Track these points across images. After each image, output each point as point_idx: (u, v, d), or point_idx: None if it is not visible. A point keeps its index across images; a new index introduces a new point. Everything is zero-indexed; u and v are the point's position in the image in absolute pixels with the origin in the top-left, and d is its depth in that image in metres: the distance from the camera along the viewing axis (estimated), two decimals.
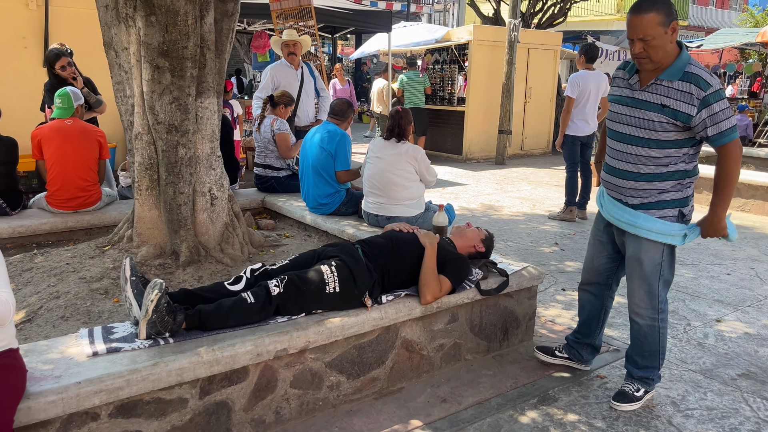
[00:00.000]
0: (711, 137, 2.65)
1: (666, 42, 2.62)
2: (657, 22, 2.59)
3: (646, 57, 2.66)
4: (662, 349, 3.03)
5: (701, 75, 2.62)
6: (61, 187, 4.58)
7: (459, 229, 3.55)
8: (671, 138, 2.71)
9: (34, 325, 3.08)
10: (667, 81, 2.67)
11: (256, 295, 2.73)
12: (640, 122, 2.76)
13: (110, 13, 3.61)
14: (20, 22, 6.86)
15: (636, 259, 2.91)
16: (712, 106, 2.60)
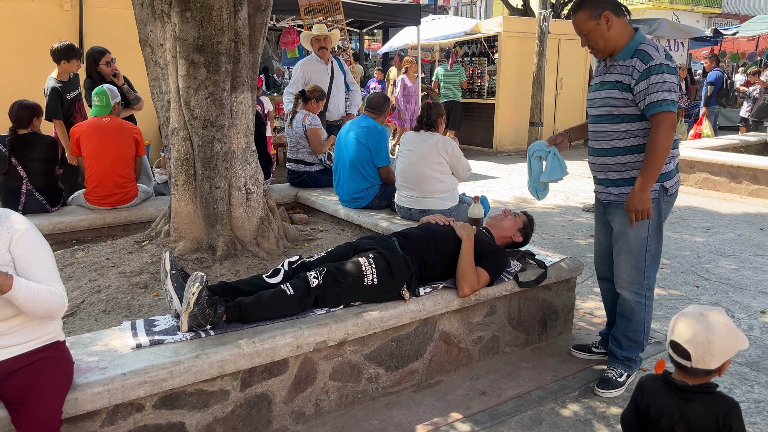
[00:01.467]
0: (645, 107, 2.79)
1: (602, 31, 2.86)
2: (585, 18, 2.87)
3: (591, 47, 2.95)
4: (647, 329, 3.10)
5: (647, 51, 2.79)
6: (99, 184, 4.65)
7: (495, 219, 3.50)
8: (630, 113, 2.86)
9: (77, 318, 3.14)
10: (621, 60, 2.87)
11: (295, 286, 2.73)
12: (604, 101, 2.94)
13: (146, 10, 3.64)
14: (55, 23, 6.99)
15: (622, 234, 3.00)
16: (650, 77, 2.74)
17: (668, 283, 4.60)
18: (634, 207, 2.86)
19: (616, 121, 2.91)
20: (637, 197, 2.84)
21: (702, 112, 11.02)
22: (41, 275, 2.01)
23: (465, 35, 11.57)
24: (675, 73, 2.81)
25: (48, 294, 1.98)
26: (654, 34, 13.99)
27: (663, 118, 2.76)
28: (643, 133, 2.88)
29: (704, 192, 7.91)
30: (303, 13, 7.52)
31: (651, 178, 2.82)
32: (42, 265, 2.03)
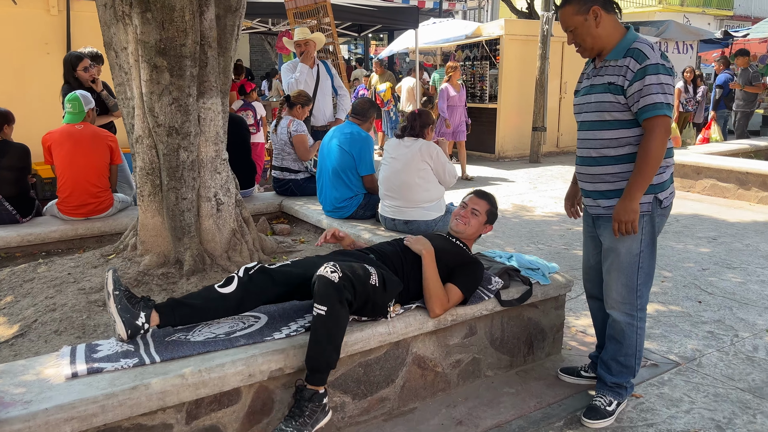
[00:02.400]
0: (638, 110, 2.57)
1: (590, 28, 2.64)
2: (572, 12, 2.65)
3: (578, 45, 2.73)
4: (639, 353, 2.85)
5: (642, 49, 2.57)
6: (72, 194, 4.47)
7: (457, 227, 3.15)
8: (622, 118, 2.64)
9: (27, 340, 2.94)
10: (612, 61, 2.65)
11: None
12: (594, 106, 2.72)
13: (108, 11, 3.46)
14: (42, 28, 6.85)
15: (613, 249, 2.76)
16: (645, 78, 2.54)
17: (669, 297, 4.34)
18: (619, 217, 2.63)
19: (606, 128, 2.68)
20: (623, 207, 2.61)
21: (711, 116, 10.72)
22: None
23: (466, 38, 11.34)
24: (671, 75, 2.59)
25: None
26: (662, 36, 13.70)
27: (657, 122, 2.53)
28: (636, 140, 2.64)
29: (711, 199, 7.62)
30: (291, 18, 7.33)
31: (640, 187, 2.59)
32: None
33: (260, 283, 2.63)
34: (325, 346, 2.40)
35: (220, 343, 2.51)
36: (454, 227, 3.13)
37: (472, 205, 3.15)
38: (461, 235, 3.12)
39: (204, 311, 2.58)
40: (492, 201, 3.23)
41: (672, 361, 3.40)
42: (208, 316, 2.61)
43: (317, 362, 2.41)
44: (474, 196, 3.20)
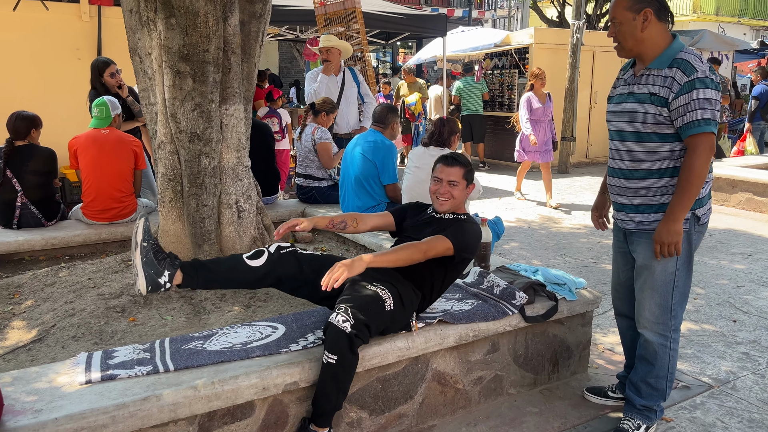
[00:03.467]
0: (683, 125, 2.44)
1: (635, 29, 2.52)
2: (624, 6, 2.52)
3: (616, 42, 2.59)
4: (671, 375, 2.72)
5: (690, 61, 2.45)
6: (96, 198, 4.49)
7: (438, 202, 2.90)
8: (662, 131, 2.52)
9: (44, 345, 2.93)
10: (656, 70, 2.53)
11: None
12: (632, 116, 2.59)
13: (134, 17, 3.45)
14: (74, 34, 6.94)
15: (647, 267, 2.63)
16: (693, 91, 2.41)
17: (701, 316, 4.17)
18: (661, 239, 2.50)
19: (644, 140, 2.55)
20: (666, 229, 2.49)
21: (746, 127, 10.42)
22: None
23: (495, 47, 11.23)
24: (719, 89, 2.46)
25: None
26: (696, 46, 13.39)
27: (702, 140, 2.41)
28: (675, 155, 2.52)
29: (747, 213, 7.38)
30: (321, 24, 7.32)
31: (684, 207, 2.47)
32: None
33: (288, 266, 2.61)
34: (332, 392, 2.33)
35: (236, 353, 2.46)
36: (439, 208, 2.86)
37: (447, 177, 2.84)
38: (449, 212, 2.89)
39: (226, 280, 2.58)
40: (464, 161, 2.93)
41: (704, 383, 3.25)
42: (230, 284, 2.62)
43: (323, 407, 2.35)
44: (444, 166, 2.87)
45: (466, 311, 2.85)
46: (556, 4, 14.61)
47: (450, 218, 2.87)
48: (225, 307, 3.26)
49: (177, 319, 3.15)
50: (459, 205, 2.88)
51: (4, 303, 3.40)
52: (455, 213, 2.89)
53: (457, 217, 2.87)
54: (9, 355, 2.82)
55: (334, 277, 2.31)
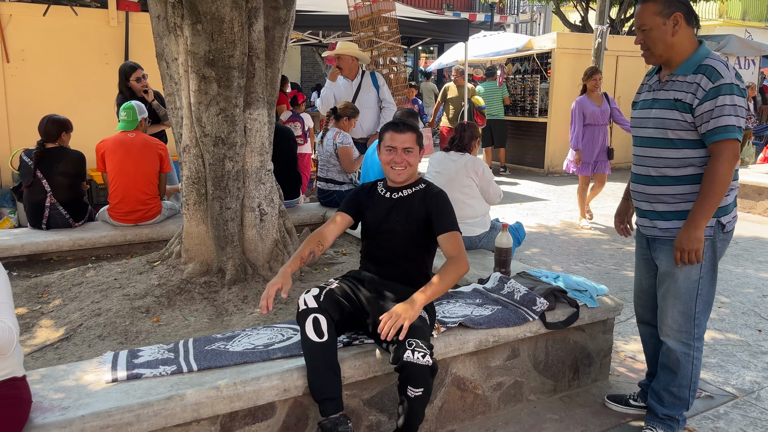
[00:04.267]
0: (707, 132, 2.42)
1: (665, 34, 2.48)
2: (654, 11, 2.49)
3: (646, 48, 2.55)
4: (693, 384, 2.69)
5: (715, 67, 2.42)
6: (122, 200, 4.57)
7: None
8: (687, 137, 2.50)
9: (71, 343, 2.99)
10: (681, 76, 2.51)
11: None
12: (656, 122, 2.57)
13: (161, 23, 3.52)
14: (102, 39, 7.07)
15: (670, 274, 2.61)
16: (718, 98, 2.38)
17: (726, 325, 4.12)
18: (682, 246, 2.49)
19: (669, 146, 2.53)
20: (686, 236, 2.47)
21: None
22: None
23: (517, 51, 11.21)
24: (745, 96, 2.44)
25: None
26: (723, 51, 13.22)
27: (726, 146, 2.39)
28: (699, 161, 2.50)
29: None
30: (353, 28, 7.39)
31: (706, 215, 2.45)
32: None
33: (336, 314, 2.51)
34: (421, 413, 2.37)
35: (258, 354, 2.50)
36: (396, 178, 2.71)
37: (401, 144, 2.68)
38: (408, 181, 2.76)
39: (335, 369, 2.41)
40: (413, 125, 2.78)
41: (728, 393, 3.21)
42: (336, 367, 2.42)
43: (415, 427, 2.39)
44: (395, 133, 2.71)
45: (486, 316, 2.86)
46: (579, 9, 14.50)
47: (414, 193, 2.74)
48: (247, 309, 3.31)
49: (200, 320, 3.20)
50: (414, 173, 2.77)
51: (33, 302, 3.48)
52: (413, 185, 2.78)
53: (421, 190, 2.75)
54: (37, 353, 2.89)
55: (396, 326, 2.30)
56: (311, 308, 2.41)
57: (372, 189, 2.88)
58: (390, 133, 2.73)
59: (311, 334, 2.36)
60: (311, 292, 2.47)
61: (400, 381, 2.32)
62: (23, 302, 3.45)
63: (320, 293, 2.47)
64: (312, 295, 2.46)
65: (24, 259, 4.20)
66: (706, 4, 18.34)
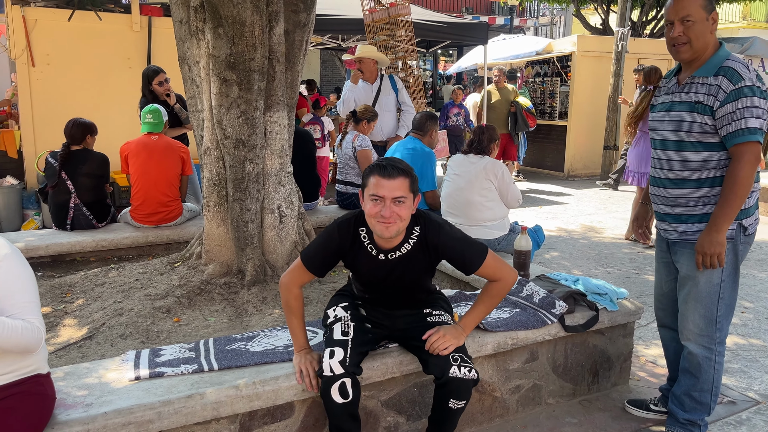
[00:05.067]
0: (728, 134, 2.39)
1: (706, 30, 2.45)
2: (700, 4, 2.42)
3: (686, 41, 2.46)
4: (715, 389, 2.65)
5: (736, 68, 2.40)
6: (144, 202, 4.63)
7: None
8: (707, 140, 2.47)
9: (94, 342, 3.04)
10: (701, 78, 2.48)
11: None
12: (677, 125, 2.55)
13: (183, 27, 3.57)
14: (125, 43, 7.18)
15: (691, 278, 2.58)
16: (740, 100, 2.36)
17: (749, 330, 4.06)
18: (703, 249, 2.47)
19: (689, 149, 2.51)
20: (708, 240, 2.45)
21: None
22: (17, 307, 1.87)
23: (537, 54, 11.16)
24: (766, 98, 2.40)
25: (23, 330, 1.84)
26: (746, 53, 13.03)
27: (748, 148, 2.37)
28: (720, 164, 2.47)
29: None
30: (368, 32, 7.41)
31: (728, 217, 2.42)
32: (19, 297, 1.88)
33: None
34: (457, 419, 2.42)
35: (278, 354, 2.52)
36: (384, 234, 2.24)
37: (390, 193, 2.19)
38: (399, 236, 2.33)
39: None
40: (405, 167, 2.27)
41: (751, 399, 3.16)
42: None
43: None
44: (381, 178, 2.20)
45: (504, 319, 2.85)
46: (600, 12, 14.39)
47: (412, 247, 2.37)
48: (266, 310, 3.33)
49: (219, 321, 3.23)
50: (405, 226, 2.31)
51: (57, 302, 3.54)
52: (407, 237, 2.36)
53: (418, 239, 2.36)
54: (61, 352, 2.94)
55: (442, 347, 2.30)
56: (338, 375, 2.20)
57: (356, 242, 2.36)
58: (375, 177, 2.21)
59: (337, 397, 2.21)
60: (336, 356, 2.22)
61: (440, 393, 2.33)
62: (48, 302, 3.52)
63: (345, 356, 2.23)
64: (337, 360, 2.22)
65: (48, 260, 4.27)
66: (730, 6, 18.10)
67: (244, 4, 3.18)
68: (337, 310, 2.52)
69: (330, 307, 2.59)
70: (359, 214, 2.36)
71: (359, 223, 2.37)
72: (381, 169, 2.22)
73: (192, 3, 3.43)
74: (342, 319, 2.44)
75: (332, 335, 2.37)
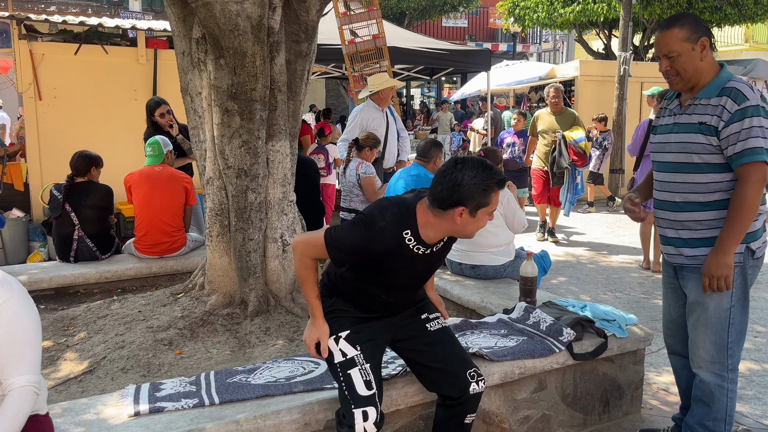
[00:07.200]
0: (734, 154, 2.38)
1: (694, 59, 2.45)
2: (681, 37, 2.44)
3: (675, 75, 2.50)
4: (729, 417, 2.57)
5: (740, 89, 2.40)
6: (148, 233, 4.62)
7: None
8: (713, 161, 2.45)
9: (95, 376, 3.00)
10: (704, 99, 2.47)
11: None
12: (680, 146, 2.53)
13: (186, 59, 3.60)
14: (132, 76, 7.26)
15: (699, 303, 2.53)
16: (745, 120, 2.35)
17: (763, 355, 3.97)
18: (710, 272, 2.42)
19: (694, 171, 2.49)
20: (715, 262, 2.41)
21: None
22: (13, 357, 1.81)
23: (540, 80, 11.21)
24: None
25: (20, 410, 1.79)
26: (749, 75, 13.06)
27: (754, 169, 2.35)
28: (727, 186, 2.45)
29: None
30: (347, 61, 7.45)
31: (735, 240, 2.39)
32: (13, 349, 1.82)
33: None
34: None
35: (280, 387, 2.48)
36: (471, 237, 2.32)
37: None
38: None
39: None
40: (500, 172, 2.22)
41: (767, 426, 3.07)
42: None
43: None
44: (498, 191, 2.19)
45: (511, 348, 2.79)
46: (602, 37, 14.50)
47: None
48: (269, 341, 3.29)
49: (222, 353, 3.19)
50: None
51: (59, 335, 3.51)
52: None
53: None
54: (61, 386, 2.90)
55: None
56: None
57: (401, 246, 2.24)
58: (497, 192, 2.19)
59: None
60: (370, 418, 2.15)
61: (455, 412, 2.34)
62: (49, 335, 3.49)
63: (377, 414, 2.17)
64: (372, 422, 2.15)
65: (52, 292, 4.25)
66: (732, 29, 18.21)
67: (245, 36, 3.20)
68: (343, 345, 2.29)
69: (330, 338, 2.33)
70: (401, 219, 2.22)
71: (403, 227, 2.22)
72: (501, 183, 2.19)
73: (194, 35, 3.46)
74: (357, 362, 2.24)
75: (355, 389, 2.19)
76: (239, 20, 3.15)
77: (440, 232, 2.22)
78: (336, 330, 2.32)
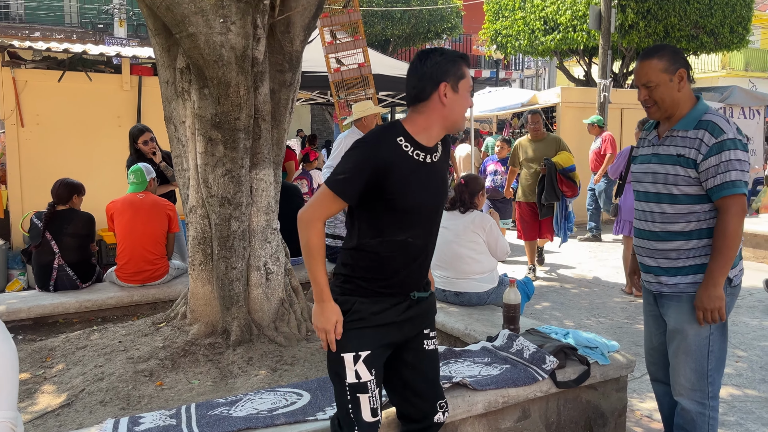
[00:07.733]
0: (713, 187, 2.43)
1: (672, 90, 2.51)
2: (659, 68, 2.50)
3: (652, 104, 2.55)
4: None
5: (717, 122, 2.45)
6: (129, 261, 4.58)
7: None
8: (691, 192, 2.50)
9: (73, 410, 2.94)
10: (682, 131, 2.52)
11: None
12: (659, 177, 2.57)
13: (170, 88, 3.61)
14: (116, 103, 7.25)
15: (679, 331, 2.56)
16: (722, 153, 2.40)
17: (744, 380, 4.00)
18: (703, 305, 2.47)
19: (672, 201, 2.53)
20: (707, 295, 2.45)
21: None
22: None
23: (522, 106, 11.36)
24: (747, 150, 2.45)
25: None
26: (726, 102, 13.34)
27: (735, 200, 2.40)
28: (703, 216, 2.50)
29: None
30: (333, 89, 7.53)
31: (723, 271, 2.44)
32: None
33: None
34: None
35: (261, 420, 2.45)
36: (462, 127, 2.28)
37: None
38: None
39: None
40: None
41: None
42: None
43: None
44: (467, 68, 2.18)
45: (494, 377, 2.79)
46: (582, 64, 14.78)
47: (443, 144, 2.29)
48: (252, 371, 3.26)
49: (204, 383, 3.15)
50: None
51: (37, 367, 3.45)
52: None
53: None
54: (38, 421, 2.84)
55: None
56: None
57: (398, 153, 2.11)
58: (465, 66, 2.17)
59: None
60: None
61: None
62: (27, 367, 3.43)
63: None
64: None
65: (30, 322, 4.19)
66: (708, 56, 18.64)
67: (229, 66, 3.23)
68: (360, 367, 2.11)
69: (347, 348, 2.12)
70: (391, 127, 2.18)
71: (395, 135, 2.14)
72: (464, 57, 2.19)
73: (178, 65, 3.48)
74: (369, 389, 2.12)
75: (361, 414, 2.11)
76: (223, 51, 3.18)
77: (431, 128, 2.16)
78: (357, 347, 2.12)
